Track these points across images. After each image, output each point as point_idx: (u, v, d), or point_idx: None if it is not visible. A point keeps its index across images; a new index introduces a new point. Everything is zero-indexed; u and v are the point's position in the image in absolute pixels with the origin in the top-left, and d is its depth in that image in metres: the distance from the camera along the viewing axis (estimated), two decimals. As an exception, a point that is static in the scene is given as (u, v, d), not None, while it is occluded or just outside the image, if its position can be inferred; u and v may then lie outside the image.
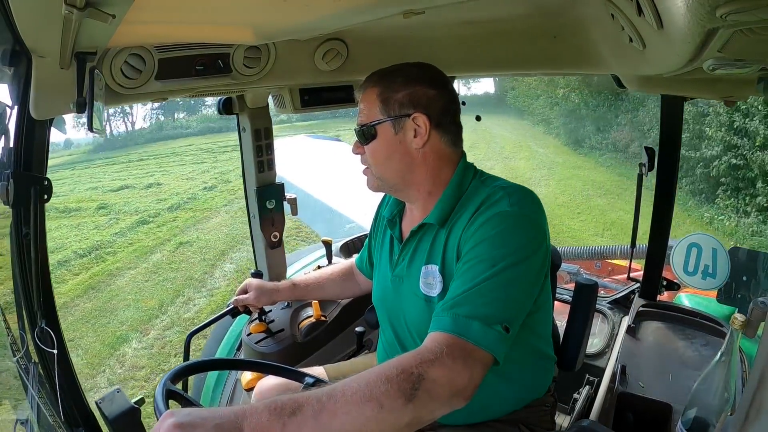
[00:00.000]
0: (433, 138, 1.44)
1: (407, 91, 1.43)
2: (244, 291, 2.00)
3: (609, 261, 4.35)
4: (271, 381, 1.82)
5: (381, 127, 1.44)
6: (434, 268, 1.43)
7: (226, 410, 0.97)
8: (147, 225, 12.30)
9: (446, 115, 1.47)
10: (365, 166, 1.54)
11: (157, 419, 1.12)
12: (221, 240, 10.79)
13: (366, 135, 1.47)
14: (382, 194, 1.74)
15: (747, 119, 9.67)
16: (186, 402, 1.31)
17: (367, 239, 1.91)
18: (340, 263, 2.14)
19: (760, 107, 9.09)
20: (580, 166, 15.86)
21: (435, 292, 1.42)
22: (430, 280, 1.44)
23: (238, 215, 12.00)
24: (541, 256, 1.30)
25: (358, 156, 1.55)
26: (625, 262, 3.93)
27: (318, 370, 1.88)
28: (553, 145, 19.30)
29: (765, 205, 9.57)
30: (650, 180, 2.38)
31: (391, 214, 1.67)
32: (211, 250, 10.22)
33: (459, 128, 1.51)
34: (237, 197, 13.45)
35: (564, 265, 4.00)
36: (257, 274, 2.29)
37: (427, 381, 1.01)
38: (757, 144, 9.54)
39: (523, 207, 1.31)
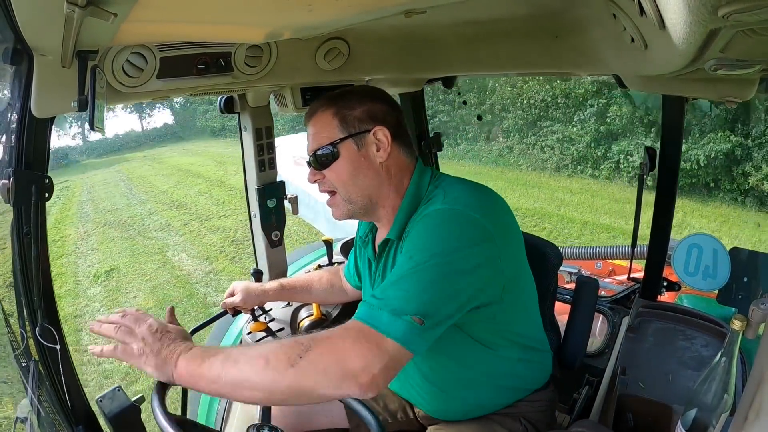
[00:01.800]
0: (394, 150, 1.47)
1: (363, 107, 1.47)
2: (232, 294, 2.02)
3: (610, 261, 4.34)
4: None
5: (342, 145, 1.45)
6: None
7: (178, 343, 1.25)
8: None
9: (400, 127, 1.51)
10: (329, 194, 1.55)
11: (156, 419, 1.16)
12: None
13: (326, 157, 1.47)
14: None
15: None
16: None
17: (352, 251, 1.95)
18: (331, 269, 2.16)
19: None
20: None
21: None
22: None
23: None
24: (480, 251, 1.26)
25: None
26: (625, 263, 3.93)
27: None
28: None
29: None
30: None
31: (364, 234, 1.71)
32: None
33: (410, 140, 1.55)
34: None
35: (564, 266, 4.00)
36: (257, 273, 2.30)
37: (312, 353, 1.10)
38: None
39: (456, 203, 1.32)
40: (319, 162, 1.49)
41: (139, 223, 12.99)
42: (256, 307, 2.38)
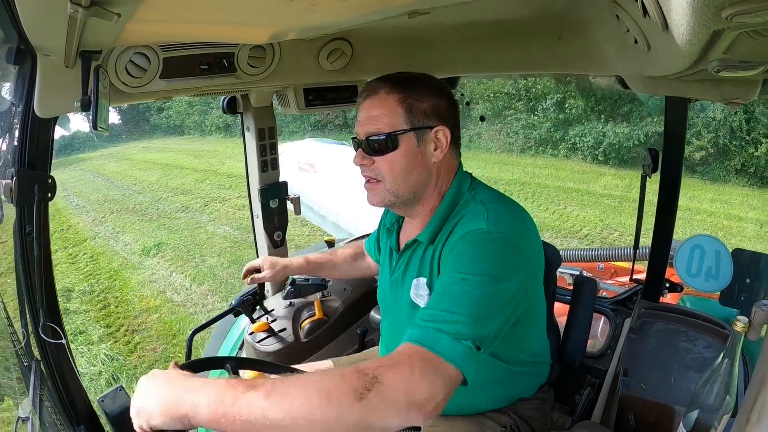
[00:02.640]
0: (449, 152, 1.42)
1: (431, 101, 1.39)
2: (257, 269, 2.00)
3: (612, 263, 4.33)
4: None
5: (404, 137, 1.37)
6: (423, 281, 1.46)
7: (191, 380, 1.05)
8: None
9: (457, 128, 1.45)
10: (373, 179, 1.46)
11: None
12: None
13: (382, 144, 1.38)
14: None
15: None
16: None
17: (379, 225, 1.89)
18: (351, 244, 2.16)
19: None
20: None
21: (423, 302, 1.44)
22: (420, 291, 1.46)
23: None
24: (519, 278, 1.25)
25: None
26: (627, 264, 3.92)
27: (326, 364, 1.90)
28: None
29: None
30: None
31: (390, 224, 1.68)
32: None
33: (460, 141, 1.51)
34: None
35: (565, 268, 3.99)
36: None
37: (381, 384, 0.98)
38: None
39: (500, 227, 1.28)
40: (372, 147, 1.40)
41: (151, 208, 13.22)
42: (257, 308, 2.39)
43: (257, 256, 2.67)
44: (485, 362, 1.25)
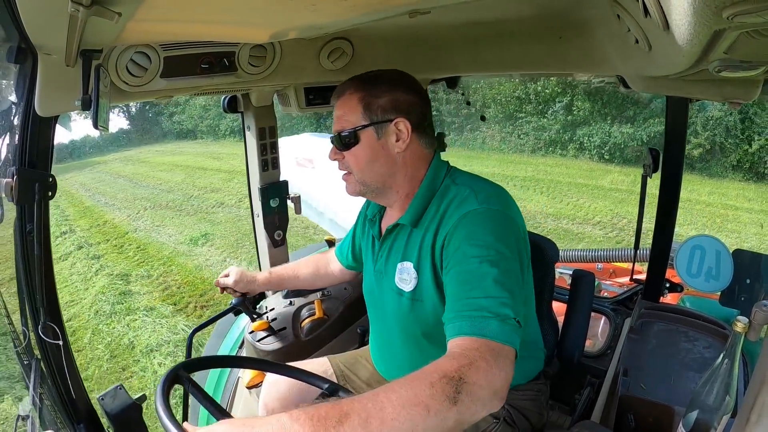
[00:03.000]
0: (413, 142, 1.49)
1: (390, 96, 1.47)
2: (227, 275, 2.03)
3: (611, 264, 4.33)
4: (275, 378, 1.83)
5: (363, 132, 1.48)
6: (409, 265, 1.50)
7: (266, 419, 0.96)
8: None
9: (424, 119, 1.51)
10: (345, 172, 1.57)
11: (158, 416, 1.14)
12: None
13: (347, 141, 1.50)
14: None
15: None
16: (195, 391, 1.31)
17: (351, 231, 1.97)
18: (319, 254, 2.17)
19: None
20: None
21: (409, 287, 1.50)
22: (405, 276, 1.50)
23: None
24: (519, 248, 1.36)
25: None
26: (626, 265, 3.92)
27: (323, 362, 1.90)
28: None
29: None
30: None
31: (372, 215, 1.74)
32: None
33: (434, 131, 1.56)
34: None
35: (565, 268, 3.99)
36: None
37: (468, 384, 1.01)
38: None
39: (491, 203, 1.36)
40: (342, 143, 1.51)
41: (186, 204, 13.85)
42: (257, 308, 2.39)
43: (258, 255, 2.67)
44: None
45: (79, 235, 11.80)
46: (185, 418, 1.94)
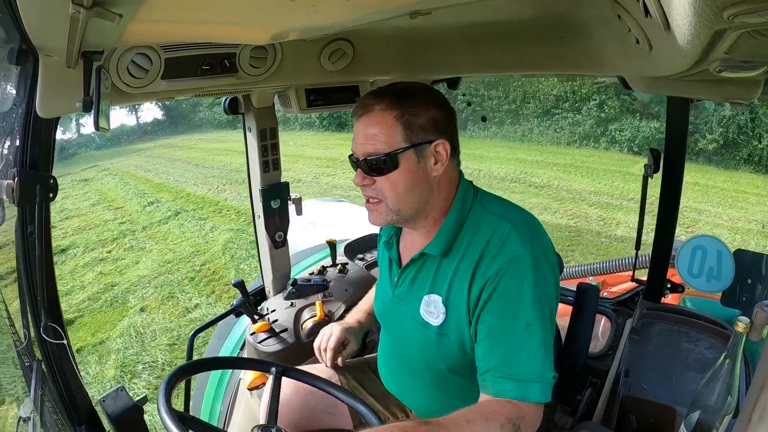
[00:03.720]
0: (449, 163, 1.39)
1: (429, 115, 1.34)
2: (341, 343, 1.86)
3: (603, 276, 4.28)
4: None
5: (404, 155, 1.33)
6: (437, 299, 1.42)
7: None
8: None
9: (456, 138, 1.42)
10: (374, 198, 1.41)
11: (160, 415, 1.15)
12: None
13: (382, 164, 1.34)
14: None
15: None
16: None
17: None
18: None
19: None
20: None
21: (437, 321, 1.42)
22: (432, 309, 1.43)
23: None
24: (557, 294, 1.40)
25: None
26: (618, 275, 3.93)
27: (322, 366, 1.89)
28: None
29: None
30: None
31: (388, 236, 1.63)
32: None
33: (459, 150, 1.46)
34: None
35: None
36: (239, 284, 2.26)
37: (521, 430, 1.22)
38: None
39: (535, 248, 1.32)
40: (372, 167, 1.35)
41: None
42: (258, 309, 2.39)
43: (259, 257, 2.67)
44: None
45: (168, 205, 12.66)
46: (186, 411, 1.94)
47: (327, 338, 1.84)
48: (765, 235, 8.79)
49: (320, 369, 1.86)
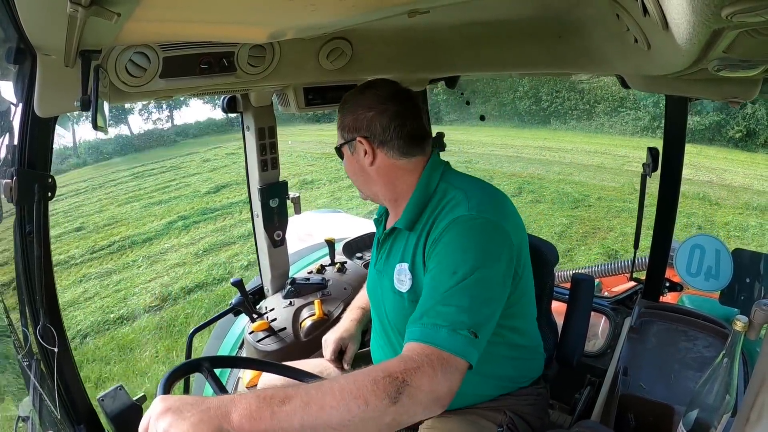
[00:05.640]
0: (380, 155, 1.54)
1: (352, 117, 1.55)
2: (340, 350, 1.91)
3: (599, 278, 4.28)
4: (272, 378, 1.83)
5: (344, 149, 1.60)
6: (405, 266, 1.53)
7: (216, 398, 1.04)
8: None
9: (387, 132, 1.52)
10: None
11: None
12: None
13: (339, 155, 1.64)
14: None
15: None
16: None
17: None
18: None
19: None
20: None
21: (405, 288, 1.52)
22: (402, 277, 1.53)
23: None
24: (505, 259, 1.35)
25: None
26: (612, 278, 3.94)
27: (319, 362, 1.90)
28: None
29: None
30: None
31: (379, 215, 1.79)
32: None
33: (410, 139, 1.53)
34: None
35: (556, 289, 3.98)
36: (238, 283, 2.26)
37: (411, 387, 1.07)
38: None
39: (482, 210, 1.37)
40: (339, 156, 1.65)
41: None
42: (257, 308, 2.39)
43: (257, 255, 2.66)
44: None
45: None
46: None
47: (327, 353, 1.92)
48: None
49: (316, 363, 1.89)
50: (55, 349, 1.44)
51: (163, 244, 10.14)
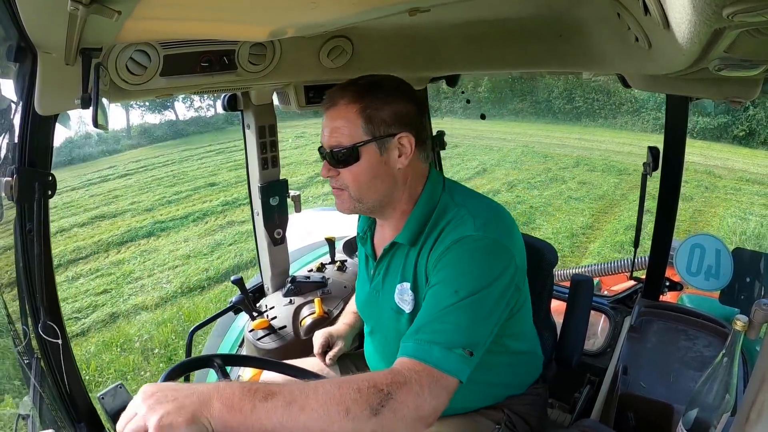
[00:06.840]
0: (414, 156, 1.40)
1: (392, 108, 1.36)
2: (327, 345, 1.90)
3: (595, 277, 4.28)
4: (273, 375, 1.83)
5: (365, 148, 1.36)
6: (407, 286, 1.45)
7: (206, 384, 1.04)
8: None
9: (423, 131, 1.43)
10: (337, 188, 1.45)
11: None
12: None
13: (344, 156, 1.37)
14: None
15: None
16: None
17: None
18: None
19: None
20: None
21: (408, 308, 1.45)
22: (405, 297, 1.46)
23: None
24: (508, 278, 1.30)
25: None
26: (610, 277, 3.94)
27: (312, 362, 1.90)
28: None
29: None
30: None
31: (362, 231, 1.67)
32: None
33: (428, 143, 1.48)
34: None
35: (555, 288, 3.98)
36: (238, 281, 2.26)
37: (394, 401, 1.04)
38: None
39: (488, 230, 1.31)
40: (336, 159, 1.38)
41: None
42: (257, 306, 2.39)
43: (258, 254, 2.66)
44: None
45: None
46: None
47: (315, 346, 1.92)
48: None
49: (315, 362, 1.89)
50: (59, 341, 1.44)
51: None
